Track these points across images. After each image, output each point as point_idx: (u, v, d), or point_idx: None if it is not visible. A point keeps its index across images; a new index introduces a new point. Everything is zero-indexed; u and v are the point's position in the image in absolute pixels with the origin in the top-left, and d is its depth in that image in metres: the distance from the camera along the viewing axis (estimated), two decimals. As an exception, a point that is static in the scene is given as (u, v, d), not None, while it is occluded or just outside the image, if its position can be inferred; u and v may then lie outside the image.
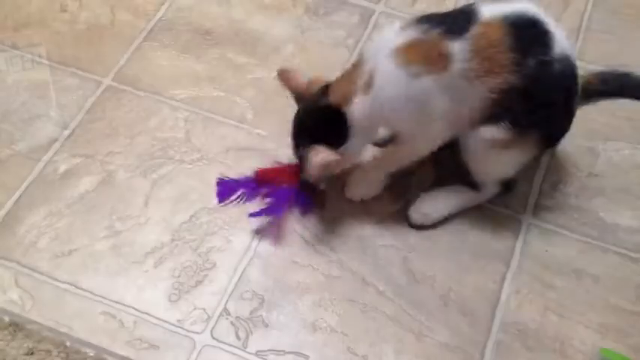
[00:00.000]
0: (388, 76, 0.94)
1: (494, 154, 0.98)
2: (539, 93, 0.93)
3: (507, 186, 1.07)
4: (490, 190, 1.06)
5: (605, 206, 1.08)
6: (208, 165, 1.13)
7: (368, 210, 1.08)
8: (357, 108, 0.96)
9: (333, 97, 0.97)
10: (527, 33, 0.93)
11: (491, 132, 0.95)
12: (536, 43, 0.93)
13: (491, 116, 0.94)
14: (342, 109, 0.96)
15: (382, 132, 1.12)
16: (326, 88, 0.99)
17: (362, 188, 1.08)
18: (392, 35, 0.95)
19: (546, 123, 0.97)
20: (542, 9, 0.97)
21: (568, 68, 0.95)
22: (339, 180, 1.09)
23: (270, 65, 1.25)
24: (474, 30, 0.91)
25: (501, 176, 1.05)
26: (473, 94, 0.93)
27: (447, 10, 1.00)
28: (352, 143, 0.98)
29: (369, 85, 0.95)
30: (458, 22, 0.93)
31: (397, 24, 0.97)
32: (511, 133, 0.95)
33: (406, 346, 0.96)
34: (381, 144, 1.13)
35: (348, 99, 0.96)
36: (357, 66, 0.98)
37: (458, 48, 0.91)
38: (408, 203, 1.07)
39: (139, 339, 0.96)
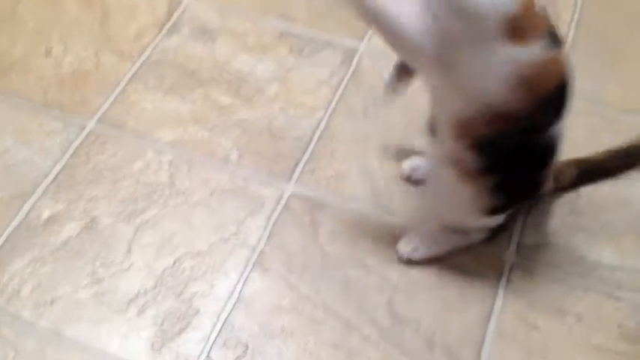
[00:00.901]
0: None
1: (454, 185, 0.94)
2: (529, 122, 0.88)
3: (494, 232, 1.07)
4: (477, 235, 1.06)
5: (587, 244, 1.09)
6: (192, 208, 1.13)
7: (353, 251, 1.08)
8: None
9: None
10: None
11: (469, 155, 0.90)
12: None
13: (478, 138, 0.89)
14: None
15: None
16: None
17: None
18: None
19: (510, 174, 0.92)
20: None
21: (560, 133, 0.92)
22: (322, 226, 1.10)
23: (255, 105, 1.26)
24: None
25: (462, 222, 1.02)
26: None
27: None
28: None
29: None
30: None
31: None
32: (479, 165, 0.91)
33: (391, 391, 0.96)
34: None
35: None
36: None
37: None
38: (394, 242, 1.07)
39: (122, 388, 0.96)
